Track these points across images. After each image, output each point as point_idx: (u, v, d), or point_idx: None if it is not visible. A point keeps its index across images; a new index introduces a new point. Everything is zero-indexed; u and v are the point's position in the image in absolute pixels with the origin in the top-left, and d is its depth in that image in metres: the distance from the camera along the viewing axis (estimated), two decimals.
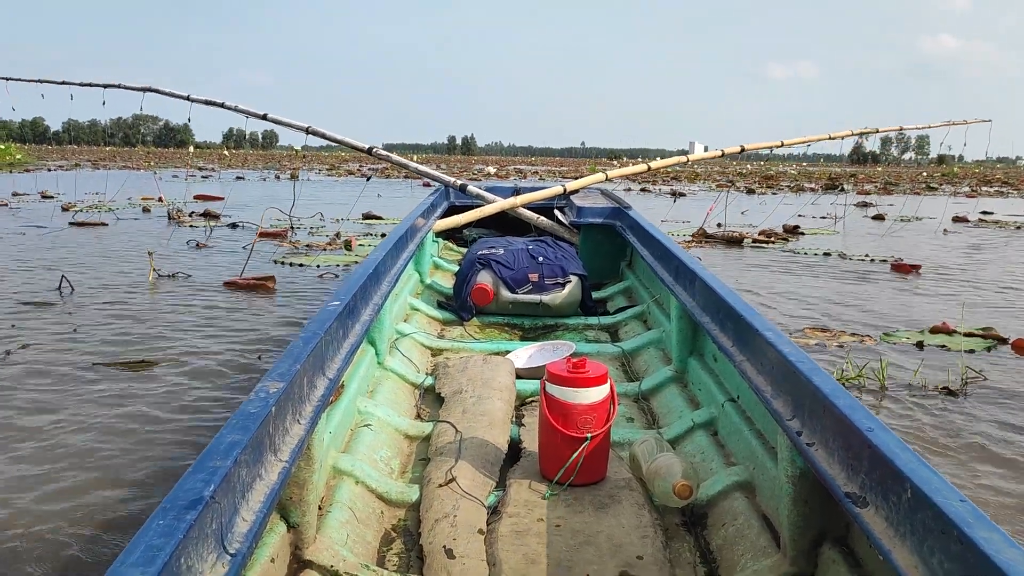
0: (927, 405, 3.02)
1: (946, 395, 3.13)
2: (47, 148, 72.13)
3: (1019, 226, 11.23)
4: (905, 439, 1.28)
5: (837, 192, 19.03)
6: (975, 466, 2.46)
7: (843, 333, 4.17)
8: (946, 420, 2.87)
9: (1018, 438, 2.70)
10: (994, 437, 2.70)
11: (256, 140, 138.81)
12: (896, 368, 3.47)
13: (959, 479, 2.35)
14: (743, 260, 7.24)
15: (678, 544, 1.58)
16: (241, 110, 5.08)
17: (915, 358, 3.66)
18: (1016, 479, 2.37)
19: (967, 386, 3.24)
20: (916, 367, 3.43)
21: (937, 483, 0.96)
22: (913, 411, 2.95)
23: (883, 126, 6.21)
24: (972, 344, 3.92)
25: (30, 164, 26.41)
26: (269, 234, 8.07)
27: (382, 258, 2.48)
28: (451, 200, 4.92)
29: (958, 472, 2.41)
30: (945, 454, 2.55)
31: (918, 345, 3.94)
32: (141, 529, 0.83)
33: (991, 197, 19.83)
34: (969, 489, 2.27)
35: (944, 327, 4.18)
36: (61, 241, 7.40)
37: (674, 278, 2.63)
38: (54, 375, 3.16)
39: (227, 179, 21.58)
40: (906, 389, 3.21)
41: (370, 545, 1.55)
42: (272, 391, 1.23)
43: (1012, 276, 6.45)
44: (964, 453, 2.56)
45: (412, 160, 5.57)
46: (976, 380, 3.32)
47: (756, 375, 1.63)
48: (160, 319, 4.18)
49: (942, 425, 2.81)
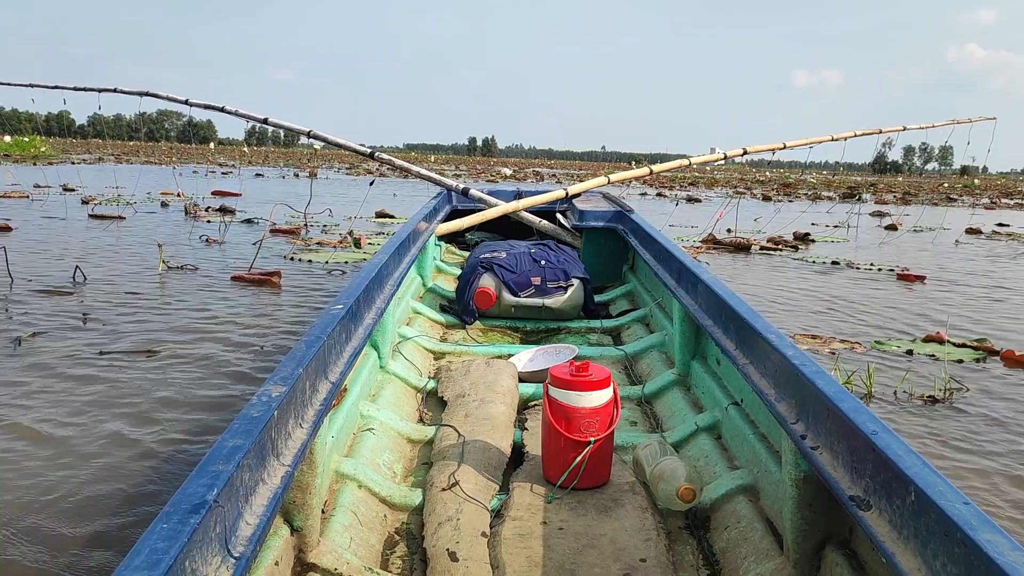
0: (907, 413, 3.04)
1: (931, 404, 3.14)
2: (72, 142, 72.24)
3: None
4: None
5: (855, 201, 18.93)
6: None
7: (833, 339, 4.17)
8: (923, 428, 2.88)
9: (985, 450, 2.71)
10: (962, 448, 2.71)
11: (278, 138, 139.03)
12: (881, 376, 3.48)
13: None
14: (748, 266, 7.24)
15: (681, 547, 1.58)
16: (241, 114, 5.07)
17: (902, 367, 3.66)
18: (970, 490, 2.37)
19: (951, 396, 3.24)
20: (903, 375, 3.44)
21: (941, 486, 0.96)
22: (893, 418, 2.98)
23: (895, 126, 6.17)
24: (963, 355, 3.92)
25: (54, 157, 26.55)
26: (282, 231, 8.14)
27: (385, 262, 2.48)
28: (453, 204, 4.93)
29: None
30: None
31: (908, 354, 3.94)
32: (145, 532, 0.83)
33: (1010, 209, 19.66)
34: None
35: (937, 337, 4.19)
36: (79, 233, 7.49)
37: (676, 281, 2.63)
38: (62, 362, 3.26)
39: (246, 176, 21.68)
40: (892, 397, 3.22)
41: (373, 549, 1.55)
42: (275, 395, 1.23)
43: (1015, 289, 6.43)
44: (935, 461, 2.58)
45: (429, 160, 5.57)
46: (959, 390, 3.32)
47: (759, 378, 1.63)
48: (167, 310, 4.30)
49: (916, 434, 2.82)
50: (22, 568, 1.78)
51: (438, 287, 3.84)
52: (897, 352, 3.97)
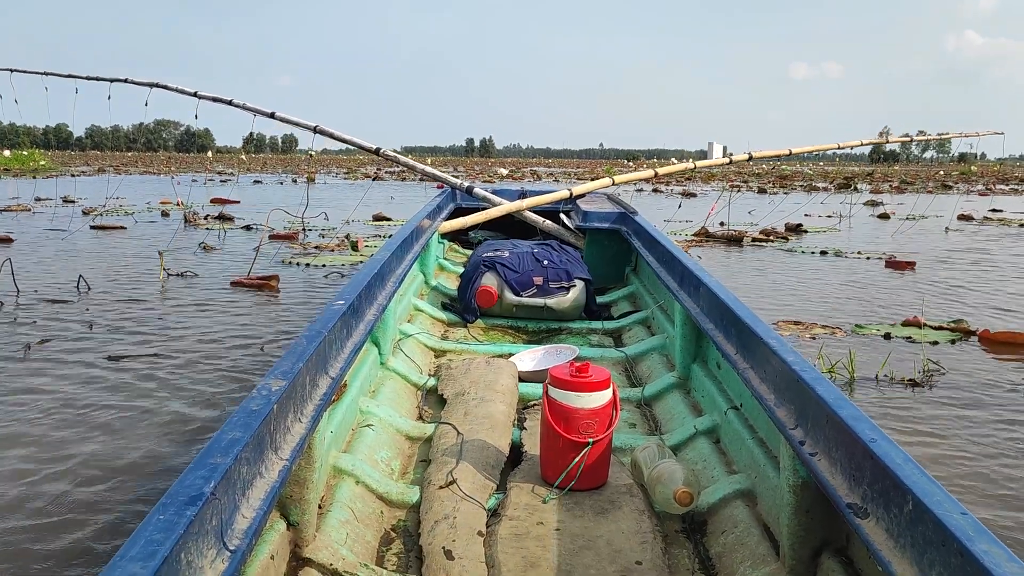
0: (884, 392, 3.18)
1: (909, 386, 3.26)
2: (71, 154, 72.27)
3: (1023, 224, 11.21)
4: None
5: (850, 191, 18.96)
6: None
7: (815, 325, 4.29)
8: (894, 405, 3.03)
9: (941, 423, 2.84)
10: (932, 422, 2.84)
11: (276, 145, 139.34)
12: (862, 358, 3.61)
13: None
14: (739, 258, 7.33)
15: (677, 550, 1.58)
16: (250, 108, 5.07)
17: (883, 350, 3.80)
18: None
19: (931, 378, 3.36)
20: (884, 358, 3.56)
21: (939, 495, 0.96)
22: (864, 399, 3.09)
23: (897, 133, 6.20)
24: (938, 336, 4.08)
25: (54, 170, 26.63)
26: (281, 236, 8.21)
27: (387, 259, 2.48)
28: (457, 202, 4.93)
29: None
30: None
31: (885, 337, 4.08)
32: (141, 524, 0.84)
33: (1005, 195, 19.75)
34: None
35: (914, 320, 4.33)
36: (81, 244, 7.55)
37: (679, 284, 2.63)
38: (70, 367, 3.33)
39: (245, 183, 21.70)
40: (872, 380, 3.34)
41: (369, 545, 1.55)
42: (274, 389, 1.23)
43: (998, 272, 6.55)
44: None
45: (427, 162, 5.59)
46: (936, 371, 3.46)
47: (759, 383, 1.63)
48: (170, 315, 4.38)
49: (889, 412, 2.94)
50: (23, 559, 1.80)
51: (440, 285, 3.84)
52: (875, 335, 4.12)
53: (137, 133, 64.51)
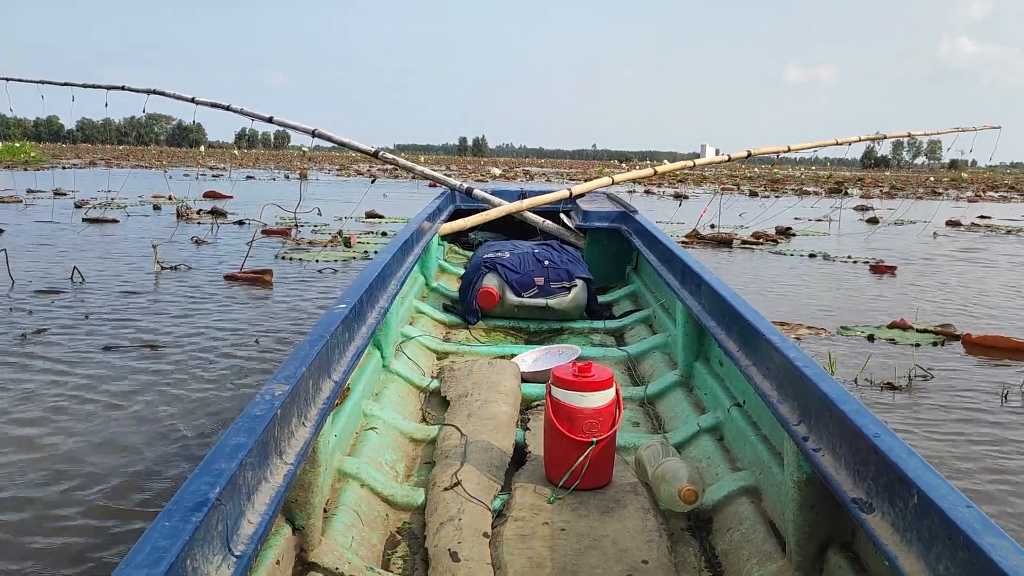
0: (864, 395, 3.25)
1: (889, 389, 3.33)
2: (61, 147, 72.48)
3: (1009, 231, 11.30)
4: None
5: (841, 196, 19.02)
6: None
7: (801, 326, 4.35)
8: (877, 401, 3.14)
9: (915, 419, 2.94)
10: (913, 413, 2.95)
11: (268, 140, 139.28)
12: (845, 357, 3.70)
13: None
14: (728, 260, 7.39)
15: (683, 549, 1.58)
16: (247, 113, 5.07)
17: (864, 351, 3.89)
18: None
19: (913, 381, 3.43)
20: (865, 360, 3.63)
21: (944, 489, 0.96)
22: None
23: (897, 130, 6.21)
24: (921, 339, 4.16)
25: (45, 162, 26.68)
26: (274, 231, 8.23)
27: (388, 261, 2.48)
28: (457, 203, 4.92)
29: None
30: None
31: (869, 338, 4.16)
32: (147, 530, 0.84)
33: (994, 202, 19.93)
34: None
35: (902, 323, 4.41)
36: (74, 236, 7.59)
37: (680, 282, 2.63)
38: (65, 357, 3.37)
39: (237, 178, 21.80)
40: (851, 380, 3.43)
41: (375, 548, 1.55)
42: (277, 394, 1.23)
43: (981, 277, 6.65)
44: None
45: (420, 160, 5.59)
46: (921, 374, 3.52)
47: (762, 380, 1.63)
48: (163, 307, 4.44)
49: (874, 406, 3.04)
50: (25, 564, 1.79)
51: (441, 287, 3.84)
52: (859, 337, 4.20)
53: (129, 127, 64.63)
